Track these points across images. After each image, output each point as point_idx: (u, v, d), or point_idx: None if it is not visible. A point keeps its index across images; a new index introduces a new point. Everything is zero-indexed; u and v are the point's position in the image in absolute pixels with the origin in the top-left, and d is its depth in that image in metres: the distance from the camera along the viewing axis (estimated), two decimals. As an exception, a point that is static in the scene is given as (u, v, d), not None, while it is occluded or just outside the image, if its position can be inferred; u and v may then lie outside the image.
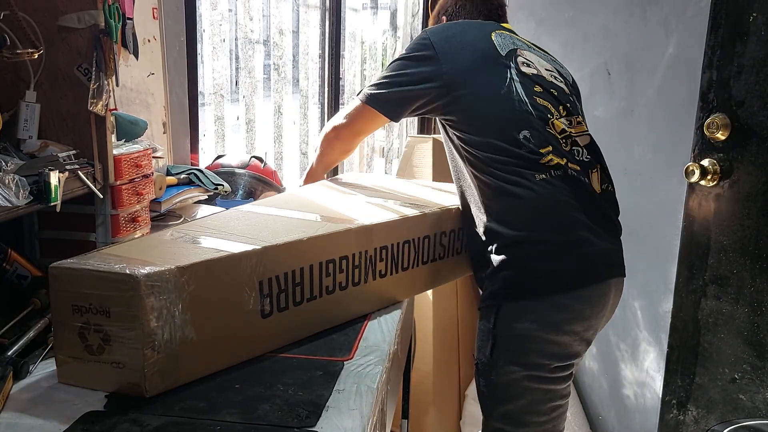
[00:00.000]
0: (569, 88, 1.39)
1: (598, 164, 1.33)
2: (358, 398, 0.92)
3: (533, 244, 1.23)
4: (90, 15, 1.19)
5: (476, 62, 1.31)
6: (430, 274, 1.39)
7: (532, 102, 1.28)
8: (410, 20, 3.23)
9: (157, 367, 0.88)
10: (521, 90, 1.28)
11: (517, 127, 1.25)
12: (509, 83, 1.29)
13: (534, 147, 1.24)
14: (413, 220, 1.32)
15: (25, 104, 1.19)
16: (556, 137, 1.26)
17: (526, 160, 1.23)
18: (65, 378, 0.93)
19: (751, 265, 1.49)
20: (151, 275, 0.86)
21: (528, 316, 1.24)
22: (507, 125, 1.25)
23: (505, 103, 1.27)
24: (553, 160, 1.24)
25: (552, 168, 1.24)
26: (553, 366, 1.27)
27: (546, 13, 2.48)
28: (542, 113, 1.27)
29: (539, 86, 1.31)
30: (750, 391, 1.51)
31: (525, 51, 1.37)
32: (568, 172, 1.25)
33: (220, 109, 2.26)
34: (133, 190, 1.33)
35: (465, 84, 1.29)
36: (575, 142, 1.30)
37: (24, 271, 1.14)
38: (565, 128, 1.29)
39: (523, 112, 1.26)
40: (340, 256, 1.14)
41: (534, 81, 1.31)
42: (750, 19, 1.45)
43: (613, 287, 1.30)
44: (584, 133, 1.34)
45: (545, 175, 1.23)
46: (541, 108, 1.28)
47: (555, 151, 1.25)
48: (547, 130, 1.26)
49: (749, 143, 1.47)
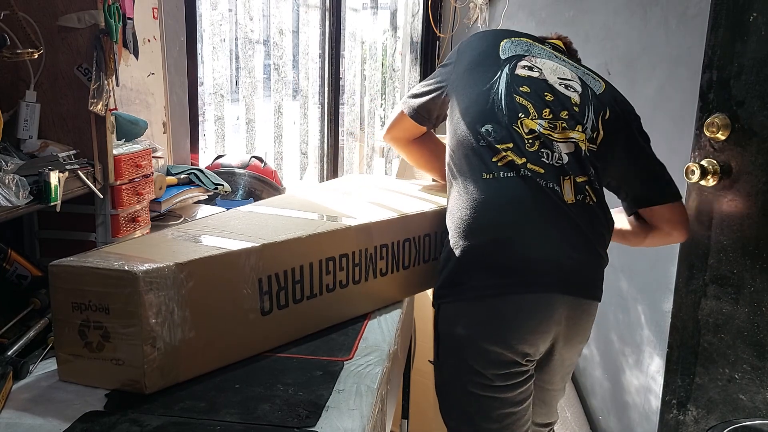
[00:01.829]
0: (585, 99, 1.32)
1: (579, 174, 1.24)
2: (358, 398, 0.92)
3: (469, 244, 1.20)
4: (90, 15, 1.19)
5: (472, 63, 1.34)
6: (431, 272, 1.39)
7: (508, 99, 1.26)
8: (410, 20, 3.23)
9: (157, 363, 0.88)
10: (503, 88, 1.28)
11: (482, 121, 1.25)
12: (494, 81, 1.29)
13: (492, 141, 1.22)
14: (414, 219, 1.32)
15: (25, 104, 1.19)
16: (522, 136, 1.23)
17: (478, 156, 1.23)
18: (66, 375, 0.93)
19: (751, 265, 1.49)
20: (149, 272, 0.86)
21: (461, 320, 1.22)
22: (474, 118, 1.26)
23: (481, 98, 1.27)
24: (508, 158, 1.21)
25: (503, 168, 1.21)
26: (491, 374, 1.22)
27: (546, 13, 2.48)
28: (513, 111, 1.25)
29: (528, 87, 1.28)
30: (750, 391, 1.51)
31: (539, 58, 1.35)
32: (521, 172, 1.21)
33: (220, 109, 2.26)
34: (133, 190, 1.33)
35: (459, 83, 1.33)
36: (548, 144, 1.23)
37: (24, 271, 1.14)
38: (536, 129, 1.24)
39: (494, 107, 1.26)
40: (340, 254, 1.15)
41: (524, 82, 1.29)
42: (750, 19, 1.45)
43: (559, 304, 1.20)
44: (569, 141, 1.25)
45: (492, 175, 1.21)
46: (517, 106, 1.26)
47: (515, 149, 1.22)
48: (513, 127, 1.24)
49: (749, 143, 1.47)
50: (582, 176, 1.24)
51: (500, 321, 1.19)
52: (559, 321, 1.22)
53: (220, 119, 2.26)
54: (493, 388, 1.22)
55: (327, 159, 2.80)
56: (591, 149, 1.28)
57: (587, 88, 1.34)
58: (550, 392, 1.39)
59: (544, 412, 1.42)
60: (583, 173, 1.25)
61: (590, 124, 1.30)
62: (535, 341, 1.21)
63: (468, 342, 1.22)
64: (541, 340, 1.22)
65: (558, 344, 1.27)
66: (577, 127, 1.28)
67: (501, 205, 1.20)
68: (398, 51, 3.31)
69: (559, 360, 1.31)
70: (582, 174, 1.24)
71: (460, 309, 1.23)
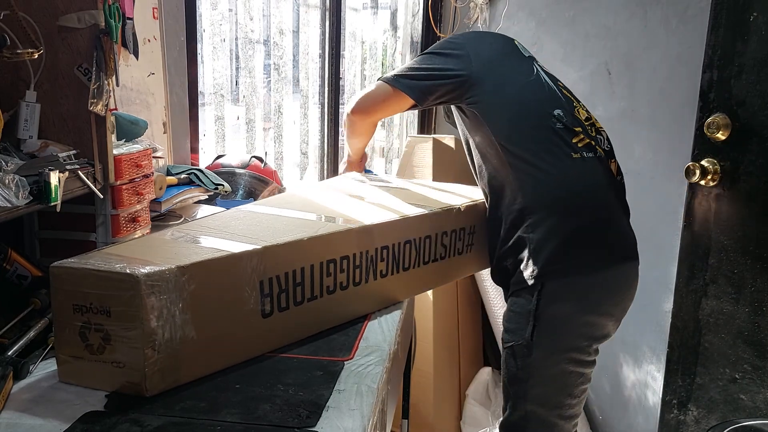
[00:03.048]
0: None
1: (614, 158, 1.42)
2: (359, 398, 0.92)
3: (575, 222, 1.28)
4: (90, 15, 1.19)
5: (499, 56, 1.42)
6: (432, 274, 1.39)
7: (559, 90, 1.39)
8: (410, 20, 3.23)
9: (158, 366, 0.88)
10: (548, 80, 1.39)
11: (552, 106, 1.34)
12: (537, 73, 1.40)
13: (568, 124, 1.32)
14: (414, 220, 1.32)
15: (25, 104, 1.19)
16: (582, 122, 1.36)
17: (560, 137, 1.30)
18: (66, 377, 0.93)
19: (751, 264, 1.49)
20: (151, 275, 0.86)
21: (571, 295, 1.28)
22: (542, 103, 1.34)
23: (536, 87, 1.37)
24: (585, 140, 1.33)
25: (584, 149, 1.32)
26: (592, 348, 1.32)
27: (546, 13, 2.48)
28: (568, 100, 1.39)
29: (561, 83, 1.44)
30: (751, 391, 1.51)
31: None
32: (597, 153, 1.34)
33: (220, 109, 2.26)
34: (133, 190, 1.33)
35: (490, 73, 1.37)
36: (598, 131, 1.40)
37: (24, 271, 1.14)
38: (589, 117, 1.40)
39: (554, 94, 1.37)
40: (341, 256, 1.14)
41: (556, 78, 1.44)
42: (750, 19, 1.45)
43: (636, 271, 1.36)
44: (603, 130, 1.43)
45: (579, 155, 1.30)
46: (567, 96, 1.40)
47: (585, 133, 1.34)
48: (574, 113, 1.36)
49: (750, 143, 1.47)
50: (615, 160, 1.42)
51: (606, 292, 1.31)
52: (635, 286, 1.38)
53: (220, 119, 2.26)
54: (585, 363, 1.32)
55: (327, 159, 2.80)
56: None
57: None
58: None
59: None
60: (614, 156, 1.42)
61: None
62: (627, 307, 1.37)
63: (575, 317, 1.29)
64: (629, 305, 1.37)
65: None
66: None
67: (594, 183, 1.32)
68: (398, 51, 3.31)
69: None
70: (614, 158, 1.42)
71: (569, 284, 1.28)
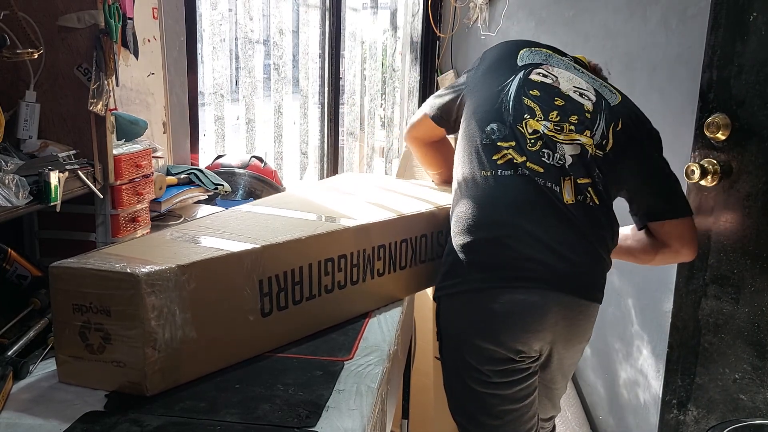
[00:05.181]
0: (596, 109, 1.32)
1: (582, 176, 1.24)
2: (359, 398, 0.92)
3: (466, 240, 1.23)
4: (90, 15, 1.19)
5: (490, 68, 1.39)
6: (428, 273, 1.40)
7: (516, 101, 1.29)
8: (410, 20, 3.23)
9: (158, 366, 0.88)
10: (513, 90, 1.31)
11: (489, 120, 1.29)
12: (507, 84, 1.33)
13: (496, 139, 1.26)
14: (410, 219, 1.32)
15: (25, 104, 1.19)
16: (525, 135, 1.26)
17: (479, 154, 1.27)
18: (66, 377, 0.93)
19: (751, 264, 1.48)
20: (151, 274, 0.86)
21: (456, 315, 1.25)
22: (482, 117, 1.30)
23: (491, 99, 1.32)
24: (508, 156, 1.24)
25: (501, 167, 1.24)
26: (488, 370, 1.22)
27: (546, 13, 2.48)
28: (520, 111, 1.27)
29: (538, 92, 1.30)
30: (750, 391, 1.51)
31: (556, 68, 1.37)
32: (518, 171, 1.23)
33: (220, 109, 2.26)
34: (133, 190, 1.33)
35: (474, 86, 1.38)
36: (550, 145, 1.24)
37: (24, 271, 1.14)
38: (540, 129, 1.25)
39: (501, 107, 1.30)
40: (338, 255, 1.15)
41: (536, 87, 1.31)
42: (750, 19, 1.45)
43: (553, 303, 1.19)
44: (575, 143, 1.26)
45: (490, 172, 1.25)
46: (524, 107, 1.28)
47: (516, 148, 1.25)
48: (517, 126, 1.26)
49: (749, 143, 1.47)
50: (585, 178, 1.25)
51: (492, 318, 1.20)
52: (555, 321, 1.21)
53: (220, 119, 2.26)
54: (492, 384, 1.24)
55: (327, 159, 2.80)
56: (598, 155, 1.27)
57: (602, 99, 1.35)
58: (552, 390, 1.40)
59: (548, 408, 1.44)
60: (587, 175, 1.25)
61: (600, 132, 1.30)
62: (527, 340, 1.21)
63: (463, 337, 1.25)
64: (534, 339, 1.22)
65: (557, 345, 1.27)
66: (585, 132, 1.28)
67: (497, 203, 1.23)
68: (398, 51, 3.31)
69: (558, 360, 1.32)
70: (585, 176, 1.25)
71: (455, 304, 1.26)
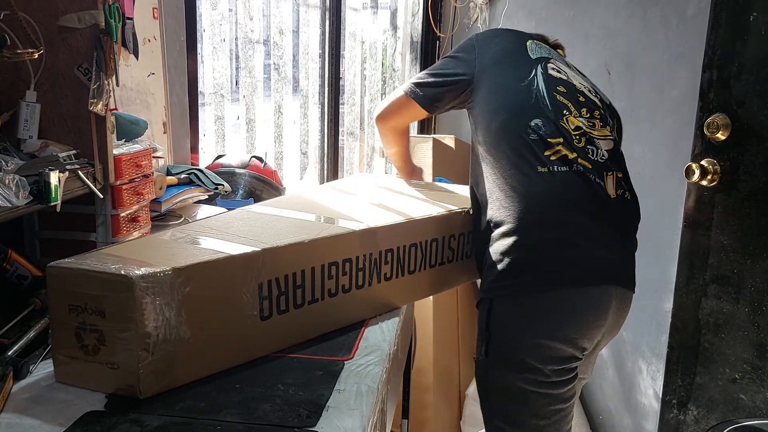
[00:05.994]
0: (603, 104, 1.39)
1: (618, 171, 1.31)
2: (359, 398, 0.92)
3: (532, 238, 1.21)
4: (90, 15, 1.19)
5: (502, 56, 1.38)
6: (438, 277, 1.37)
7: (550, 96, 1.31)
8: (410, 20, 3.23)
9: (152, 368, 0.87)
10: (543, 86, 1.32)
11: (532, 115, 1.28)
12: (532, 78, 1.33)
13: (544, 135, 1.26)
14: (420, 223, 1.30)
15: (25, 104, 1.19)
16: (569, 132, 1.28)
17: (531, 150, 1.25)
18: (62, 378, 0.93)
19: (751, 264, 1.49)
20: (146, 276, 0.85)
21: (520, 314, 1.22)
22: (523, 112, 1.29)
23: (525, 93, 1.31)
24: (561, 152, 1.25)
25: (556, 162, 1.24)
26: (549, 369, 1.22)
27: (546, 13, 2.48)
28: (557, 108, 1.30)
29: (563, 87, 1.34)
30: (750, 391, 1.51)
31: (559, 63, 1.41)
32: (573, 167, 1.24)
33: (220, 109, 2.26)
34: (133, 190, 1.33)
35: (487, 77, 1.35)
36: (592, 141, 1.29)
37: (24, 271, 1.14)
38: (581, 126, 1.30)
39: (540, 102, 1.30)
40: (343, 259, 1.13)
41: (559, 82, 1.34)
42: (750, 19, 1.45)
43: (613, 296, 1.24)
44: (608, 138, 1.33)
45: (548, 168, 1.23)
46: (559, 104, 1.30)
47: (566, 144, 1.26)
48: (560, 123, 1.28)
49: (749, 143, 1.47)
50: (620, 172, 1.32)
51: (562, 316, 1.21)
52: (611, 314, 1.26)
53: (220, 119, 2.26)
54: (548, 384, 1.23)
55: (327, 159, 2.80)
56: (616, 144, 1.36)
57: (600, 95, 1.41)
58: (581, 381, 1.40)
59: None
60: (620, 169, 1.33)
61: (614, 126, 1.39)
62: (594, 335, 1.25)
63: (526, 337, 1.22)
64: (598, 334, 1.26)
65: (604, 337, 1.31)
66: (607, 127, 1.35)
67: (559, 200, 1.23)
68: (398, 51, 3.31)
69: (593, 352, 1.35)
70: (619, 170, 1.32)
71: (519, 303, 1.22)
